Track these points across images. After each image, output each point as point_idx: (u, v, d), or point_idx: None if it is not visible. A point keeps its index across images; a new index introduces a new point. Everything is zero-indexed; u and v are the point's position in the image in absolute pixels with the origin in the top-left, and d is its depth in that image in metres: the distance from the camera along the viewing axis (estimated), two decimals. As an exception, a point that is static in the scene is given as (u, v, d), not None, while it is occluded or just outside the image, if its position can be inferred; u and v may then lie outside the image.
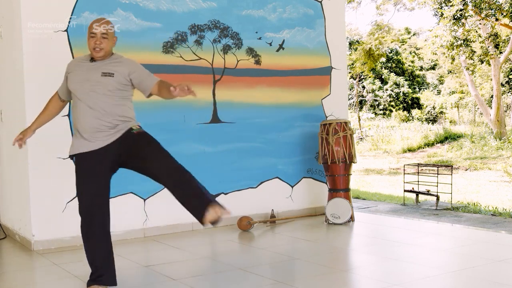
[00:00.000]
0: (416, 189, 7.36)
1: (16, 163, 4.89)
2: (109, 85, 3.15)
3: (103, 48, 3.17)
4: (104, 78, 3.15)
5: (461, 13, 15.49)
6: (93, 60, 3.22)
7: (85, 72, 3.19)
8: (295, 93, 5.85)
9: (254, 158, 5.59)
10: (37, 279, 3.82)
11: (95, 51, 3.17)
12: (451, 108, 29.85)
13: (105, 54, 3.20)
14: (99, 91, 3.13)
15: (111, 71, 3.17)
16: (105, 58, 3.22)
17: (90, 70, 3.19)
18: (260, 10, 5.63)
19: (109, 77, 3.15)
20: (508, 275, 3.44)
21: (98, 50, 3.17)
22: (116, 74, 3.17)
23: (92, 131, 3.12)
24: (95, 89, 3.14)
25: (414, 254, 4.09)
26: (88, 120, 3.13)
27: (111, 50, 3.26)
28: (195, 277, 3.55)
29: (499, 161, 13.64)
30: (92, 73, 3.17)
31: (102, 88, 3.14)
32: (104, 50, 3.18)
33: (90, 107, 3.13)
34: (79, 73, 3.21)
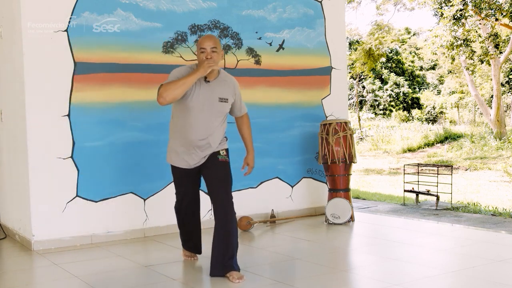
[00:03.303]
0: (416, 189, 7.36)
1: (16, 163, 4.89)
2: (224, 110, 3.53)
3: (215, 61, 3.37)
4: (221, 104, 3.48)
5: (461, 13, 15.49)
6: (207, 79, 3.44)
7: (203, 93, 3.43)
8: (295, 93, 5.85)
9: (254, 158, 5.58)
10: (37, 279, 3.82)
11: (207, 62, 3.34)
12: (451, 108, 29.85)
13: (215, 70, 3.45)
14: (214, 115, 3.46)
15: (225, 96, 3.50)
16: (214, 74, 3.47)
17: (207, 92, 3.44)
18: (260, 10, 5.63)
19: (225, 102, 3.49)
20: (508, 275, 3.44)
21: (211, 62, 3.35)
22: (229, 99, 3.53)
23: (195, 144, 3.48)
24: (211, 113, 3.45)
25: (414, 254, 4.09)
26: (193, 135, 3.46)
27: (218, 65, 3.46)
28: (195, 277, 3.55)
29: (499, 161, 13.64)
30: (209, 96, 3.44)
31: (218, 113, 3.49)
32: (216, 63, 3.38)
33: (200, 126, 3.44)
34: (198, 93, 3.42)
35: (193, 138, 3.45)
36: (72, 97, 4.62)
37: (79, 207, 4.66)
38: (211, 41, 3.40)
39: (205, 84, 3.45)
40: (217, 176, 3.52)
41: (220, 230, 3.42)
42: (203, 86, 3.44)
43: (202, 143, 3.47)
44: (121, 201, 4.82)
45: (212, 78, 3.47)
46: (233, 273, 3.37)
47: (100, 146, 4.76)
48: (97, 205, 4.73)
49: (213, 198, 3.50)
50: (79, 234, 4.66)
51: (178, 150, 3.54)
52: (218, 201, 3.45)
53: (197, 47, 3.44)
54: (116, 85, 4.81)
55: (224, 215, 3.42)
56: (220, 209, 3.43)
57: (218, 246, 3.42)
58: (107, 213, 4.74)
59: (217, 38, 3.53)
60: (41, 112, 4.51)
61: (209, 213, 5.29)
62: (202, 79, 3.44)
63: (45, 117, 4.52)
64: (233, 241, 3.42)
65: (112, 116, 4.80)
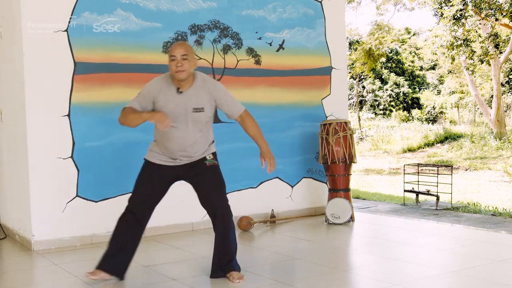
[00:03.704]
0: (416, 189, 7.35)
1: (16, 163, 4.89)
2: (201, 120, 3.31)
3: (186, 70, 3.21)
4: (196, 115, 3.27)
5: (461, 13, 15.49)
6: (179, 90, 3.26)
7: (175, 105, 3.25)
8: (295, 93, 5.85)
9: (254, 158, 5.55)
10: (37, 279, 3.83)
11: (178, 73, 3.21)
12: (451, 108, 29.85)
13: (187, 77, 3.25)
14: (190, 126, 3.28)
15: (200, 105, 3.28)
16: (188, 82, 3.27)
17: (180, 103, 3.25)
18: (260, 10, 5.63)
19: (200, 112, 3.28)
20: (508, 275, 3.44)
21: (181, 71, 3.20)
22: (206, 107, 3.30)
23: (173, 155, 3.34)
24: (186, 124, 3.27)
25: (414, 254, 4.09)
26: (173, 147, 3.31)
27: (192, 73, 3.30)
28: (195, 277, 3.55)
29: (499, 161, 13.64)
30: (182, 108, 3.26)
31: (194, 123, 3.28)
32: (187, 72, 3.22)
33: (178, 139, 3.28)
34: (169, 106, 3.25)
35: (173, 150, 3.33)
36: (72, 97, 4.62)
37: (79, 207, 4.66)
38: (182, 48, 3.24)
39: (178, 95, 3.26)
40: (208, 182, 3.41)
41: (219, 236, 3.41)
42: (176, 97, 3.26)
43: (183, 153, 3.35)
44: (121, 201, 4.80)
45: (185, 87, 3.28)
46: (233, 273, 3.37)
47: (100, 146, 4.76)
48: (97, 205, 4.73)
49: (207, 206, 3.41)
50: (79, 234, 4.66)
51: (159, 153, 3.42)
52: (213, 208, 3.39)
53: (168, 55, 3.27)
54: (116, 85, 4.81)
55: (221, 221, 3.40)
56: (216, 215, 3.39)
57: (218, 251, 3.42)
58: (107, 213, 4.73)
59: (189, 45, 3.34)
60: (41, 112, 4.51)
61: (209, 213, 5.29)
62: (174, 90, 3.27)
63: (45, 117, 4.52)
64: (232, 245, 3.43)
65: (112, 116, 4.78)
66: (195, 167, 3.40)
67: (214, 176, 3.44)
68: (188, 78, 3.26)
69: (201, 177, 3.41)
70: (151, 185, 3.40)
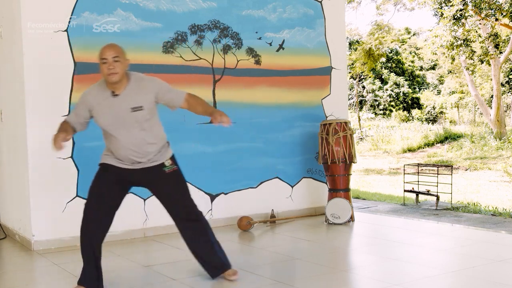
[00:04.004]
0: (416, 189, 7.35)
1: (16, 163, 4.89)
2: (141, 119, 3.17)
3: (119, 72, 3.09)
4: (135, 114, 3.14)
5: (461, 13, 15.49)
6: (114, 93, 3.14)
7: (111, 109, 3.14)
8: (295, 93, 5.85)
9: (254, 158, 5.59)
10: (37, 279, 3.83)
11: (110, 76, 3.08)
12: (451, 108, 29.85)
13: (121, 79, 3.13)
14: (131, 127, 3.16)
15: (139, 103, 3.14)
16: (122, 84, 3.15)
17: (115, 106, 3.14)
18: (260, 10, 5.63)
19: (140, 111, 3.15)
20: (508, 275, 3.44)
21: (113, 74, 3.08)
22: (145, 105, 3.16)
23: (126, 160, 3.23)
24: (127, 126, 3.15)
25: (414, 254, 4.09)
26: (123, 152, 3.20)
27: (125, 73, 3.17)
28: (195, 277, 3.55)
29: (499, 161, 13.64)
30: (119, 110, 3.13)
31: (134, 123, 3.16)
32: (120, 74, 3.11)
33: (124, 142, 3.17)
34: (106, 111, 3.15)
35: (121, 153, 3.21)
36: (72, 97, 4.62)
37: (79, 207, 4.62)
38: (112, 50, 3.09)
39: (113, 98, 3.14)
40: (171, 189, 3.32)
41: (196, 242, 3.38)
42: (111, 101, 3.14)
43: (134, 156, 3.21)
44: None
45: (120, 89, 3.15)
46: (229, 271, 3.42)
47: (100, 146, 4.71)
48: (97, 205, 4.73)
49: (173, 214, 3.36)
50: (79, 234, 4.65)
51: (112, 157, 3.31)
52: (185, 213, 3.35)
53: (99, 59, 3.11)
54: (116, 85, 4.80)
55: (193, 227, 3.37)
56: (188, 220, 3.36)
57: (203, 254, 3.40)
58: (107, 213, 4.73)
59: (120, 47, 3.17)
60: (41, 112, 4.50)
61: (209, 213, 5.29)
62: (109, 94, 3.14)
63: (45, 117, 4.52)
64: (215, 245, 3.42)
65: (112, 116, 4.79)
66: (153, 174, 3.28)
67: (177, 182, 3.34)
68: (122, 80, 3.14)
69: (163, 186, 3.31)
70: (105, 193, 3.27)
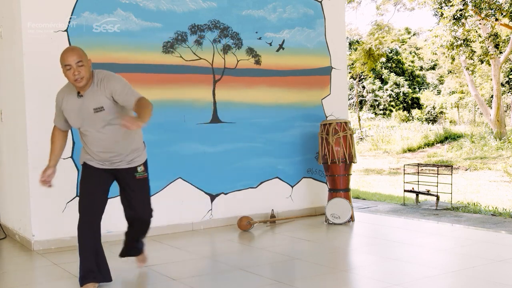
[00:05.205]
0: (416, 189, 7.35)
1: (16, 163, 4.89)
2: (105, 118, 3.16)
3: (84, 76, 3.09)
4: (97, 114, 3.15)
5: (461, 13, 15.49)
6: (79, 94, 3.16)
7: (77, 110, 3.18)
8: (295, 93, 5.85)
9: (254, 158, 5.59)
10: (37, 279, 3.83)
11: (77, 82, 3.08)
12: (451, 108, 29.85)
13: (88, 81, 3.13)
14: (99, 126, 3.17)
15: (99, 104, 3.13)
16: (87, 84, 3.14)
17: (81, 107, 3.16)
18: (260, 10, 5.63)
19: (101, 111, 3.15)
20: (508, 275, 3.44)
21: (79, 79, 3.08)
22: (105, 105, 3.14)
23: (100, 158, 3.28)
24: (95, 125, 3.17)
25: (414, 254, 4.09)
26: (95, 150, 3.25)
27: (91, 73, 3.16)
28: (195, 277, 3.55)
29: (499, 161, 13.64)
30: (84, 111, 3.16)
31: (100, 122, 3.17)
32: (86, 78, 3.11)
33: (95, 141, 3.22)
34: (72, 111, 3.20)
35: (95, 152, 3.26)
36: (72, 97, 4.62)
37: (79, 207, 4.65)
38: (75, 55, 3.05)
39: (78, 99, 3.15)
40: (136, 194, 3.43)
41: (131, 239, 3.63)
42: (78, 102, 3.16)
43: (108, 156, 3.26)
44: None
45: (85, 89, 3.14)
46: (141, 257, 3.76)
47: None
48: (97, 205, 4.73)
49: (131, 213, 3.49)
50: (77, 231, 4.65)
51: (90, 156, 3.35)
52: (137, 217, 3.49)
53: (61, 64, 3.09)
54: (116, 85, 4.80)
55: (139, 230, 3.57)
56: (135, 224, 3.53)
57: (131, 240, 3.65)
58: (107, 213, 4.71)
59: (81, 49, 3.14)
60: (41, 112, 4.50)
61: (209, 213, 5.29)
62: (75, 95, 3.16)
63: (45, 117, 4.51)
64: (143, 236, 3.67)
65: (112, 116, 4.79)
66: (125, 175, 3.37)
67: (143, 188, 3.45)
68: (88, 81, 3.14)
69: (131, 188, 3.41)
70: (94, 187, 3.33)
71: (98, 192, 3.35)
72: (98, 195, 3.35)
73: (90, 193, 3.33)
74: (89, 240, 3.28)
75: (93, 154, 3.29)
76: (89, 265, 3.26)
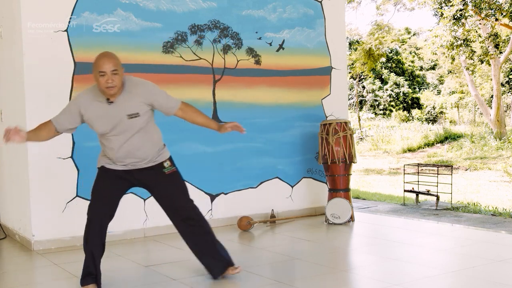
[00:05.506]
0: (416, 189, 7.35)
1: (16, 163, 4.89)
2: (138, 125, 3.16)
3: (117, 85, 3.05)
4: (132, 121, 3.13)
5: (461, 13, 15.49)
6: (109, 100, 3.11)
7: (106, 116, 3.11)
8: (295, 93, 5.85)
9: (254, 158, 5.59)
10: (37, 279, 3.83)
11: (109, 89, 3.03)
12: (451, 108, 29.85)
13: (118, 90, 3.10)
14: (128, 133, 3.15)
15: (134, 110, 3.12)
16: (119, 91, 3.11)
17: (111, 113, 3.11)
18: (260, 10, 5.63)
19: (136, 117, 3.13)
20: (508, 275, 3.44)
21: (112, 88, 3.03)
22: (141, 111, 3.15)
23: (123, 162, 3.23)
24: (124, 132, 3.14)
25: (414, 254, 4.09)
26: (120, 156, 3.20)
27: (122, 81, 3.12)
28: (195, 277, 3.55)
29: (499, 161, 13.64)
30: (115, 117, 3.11)
31: (131, 130, 3.15)
32: (118, 87, 3.07)
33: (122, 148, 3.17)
34: (100, 118, 3.12)
35: (118, 158, 3.22)
36: (72, 97, 4.62)
37: (79, 207, 4.66)
38: (111, 62, 3.00)
39: (109, 105, 3.11)
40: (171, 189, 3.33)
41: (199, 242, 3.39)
42: (107, 108, 3.11)
43: (131, 161, 3.23)
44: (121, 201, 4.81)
45: (115, 97, 3.11)
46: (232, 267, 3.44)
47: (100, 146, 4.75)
48: (97, 205, 4.73)
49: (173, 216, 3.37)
50: (79, 234, 4.62)
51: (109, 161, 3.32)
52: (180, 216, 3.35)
53: (95, 69, 3.03)
54: (116, 85, 4.80)
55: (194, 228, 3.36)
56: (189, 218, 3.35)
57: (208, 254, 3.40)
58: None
59: (116, 57, 3.09)
60: (41, 112, 4.50)
61: (209, 213, 5.29)
62: (102, 101, 3.10)
63: (45, 117, 4.49)
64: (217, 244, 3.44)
65: (112, 116, 4.79)
66: (152, 175, 3.30)
67: (176, 183, 3.36)
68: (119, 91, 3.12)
69: (163, 187, 3.32)
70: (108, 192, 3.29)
71: (111, 198, 3.29)
72: (110, 200, 3.29)
73: (103, 197, 3.27)
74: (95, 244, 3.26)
75: (115, 158, 3.22)
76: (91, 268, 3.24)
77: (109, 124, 3.13)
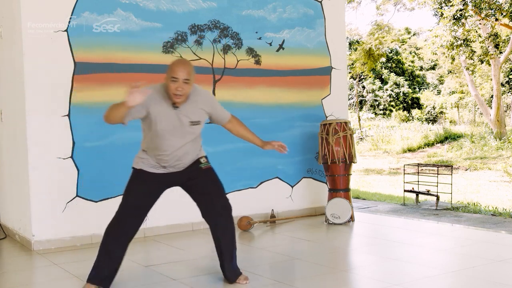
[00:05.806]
0: (416, 189, 7.35)
1: (16, 163, 4.89)
2: (196, 132, 3.28)
3: (185, 94, 3.09)
4: (193, 128, 3.23)
5: (461, 13, 15.49)
6: (175, 105, 3.14)
7: (172, 119, 3.15)
8: (295, 93, 5.85)
9: (254, 158, 5.59)
10: (37, 279, 3.83)
11: (176, 97, 3.07)
12: (451, 108, 29.85)
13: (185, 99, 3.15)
14: (184, 139, 3.23)
15: (197, 118, 3.23)
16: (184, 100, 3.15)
17: (176, 117, 3.16)
18: (260, 10, 5.63)
19: (197, 125, 3.25)
20: (508, 275, 3.44)
21: (179, 96, 3.07)
22: (202, 120, 3.28)
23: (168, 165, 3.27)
24: (182, 137, 3.21)
25: (414, 254, 4.09)
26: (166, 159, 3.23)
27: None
28: (195, 277, 3.55)
29: (499, 161, 13.64)
30: (179, 121, 3.17)
31: (190, 136, 3.25)
32: (185, 96, 3.12)
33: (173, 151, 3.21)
34: (166, 119, 3.15)
35: (166, 160, 3.24)
36: (72, 97, 4.62)
37: (79, 207, 4.66)
38: (185, 71, 3.05)
39: (174, 110, 3.15)
40: (208, 184, 3.37)
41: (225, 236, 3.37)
42: (171, 111, 3.15)
43: (176, 163, 3.28)
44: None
45: (181, 103, 3.17)
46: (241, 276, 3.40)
47: (100, 146, 4.76)
48: (97, 205, 4.73)
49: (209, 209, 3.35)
50: (79, 234, 4.66)
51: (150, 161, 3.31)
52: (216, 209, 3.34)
53: (168, 72, 3.08)
54: (116, 85, 4.80)
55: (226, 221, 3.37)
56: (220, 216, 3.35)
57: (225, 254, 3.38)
58: (107, 213, 4.71)
59: (192, 66, 3.15)
60: (41, 112, 4.51)
61: (209, 213, 5.29)
62: (170, 104, 3.15)
63: (45, 117, 4.52)
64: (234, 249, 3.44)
65: (112, 116, 4.79)
66: (189, 172, 3.34)
67: (213, 178, 3.41)
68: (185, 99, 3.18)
69: (199, 181, 3.36)
70: (143, 195, 3.29)
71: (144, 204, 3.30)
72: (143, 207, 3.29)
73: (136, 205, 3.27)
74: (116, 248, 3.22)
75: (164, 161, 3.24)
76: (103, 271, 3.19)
77: (171, 127, 3.18)
